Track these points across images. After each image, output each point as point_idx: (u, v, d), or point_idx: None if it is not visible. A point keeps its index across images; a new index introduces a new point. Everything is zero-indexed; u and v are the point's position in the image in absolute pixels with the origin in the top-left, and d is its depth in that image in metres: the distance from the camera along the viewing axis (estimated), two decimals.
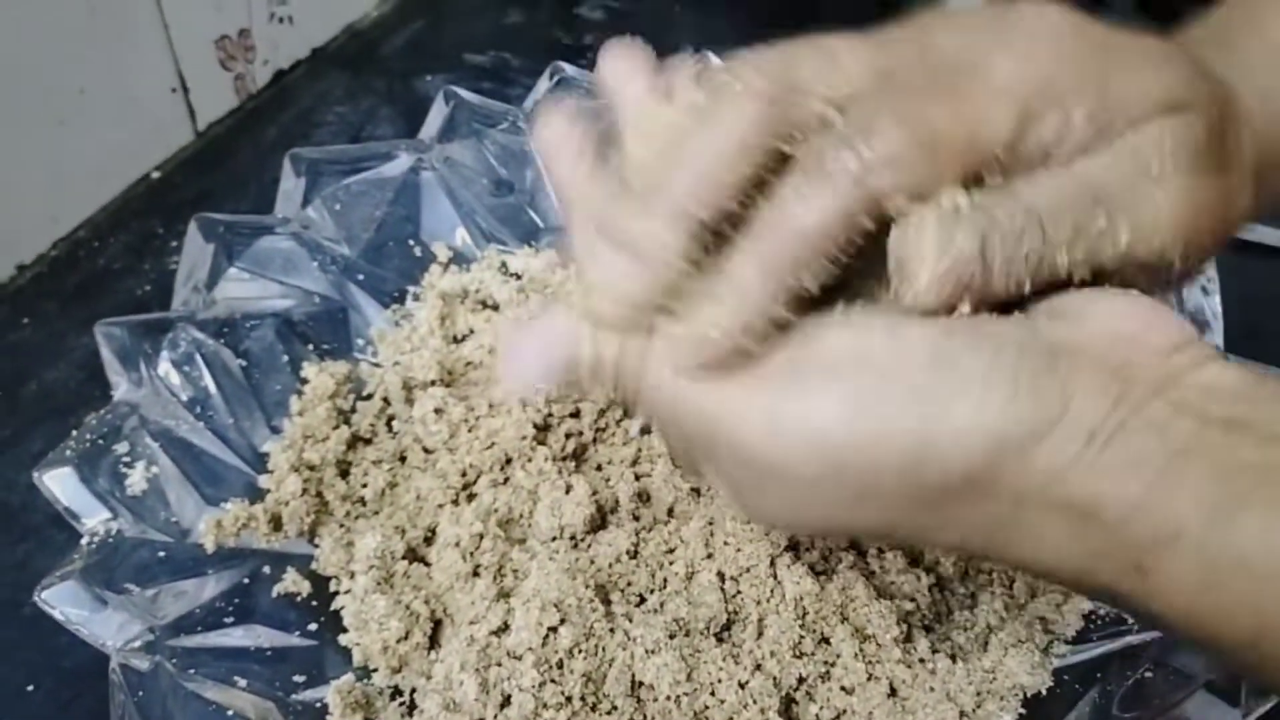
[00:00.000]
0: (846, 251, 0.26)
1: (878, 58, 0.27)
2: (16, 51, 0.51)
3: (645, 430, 0.43)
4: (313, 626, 0.38)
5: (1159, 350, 0.26)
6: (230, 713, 0.33)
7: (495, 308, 0.47)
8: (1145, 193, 0.27)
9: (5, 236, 0.53)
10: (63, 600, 0.34)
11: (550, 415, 0.43)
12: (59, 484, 0.36)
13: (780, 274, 0.26)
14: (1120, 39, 0.28)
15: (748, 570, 0.38)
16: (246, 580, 0.38)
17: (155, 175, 0.60)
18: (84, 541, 0.36)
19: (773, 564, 0.37)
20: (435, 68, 0.66)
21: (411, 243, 0.48)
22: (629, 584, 0.38)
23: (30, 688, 0.40)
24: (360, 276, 0.47)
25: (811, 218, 0.26)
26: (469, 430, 0.43)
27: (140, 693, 0.32)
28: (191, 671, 0.34)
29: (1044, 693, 0.35)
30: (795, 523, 0.29)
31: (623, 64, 0.30)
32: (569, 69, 0.49)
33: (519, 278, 0.48)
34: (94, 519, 0.36)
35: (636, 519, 0.40)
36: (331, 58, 0.67)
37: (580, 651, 0.35)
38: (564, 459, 0.42)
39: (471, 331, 0.46)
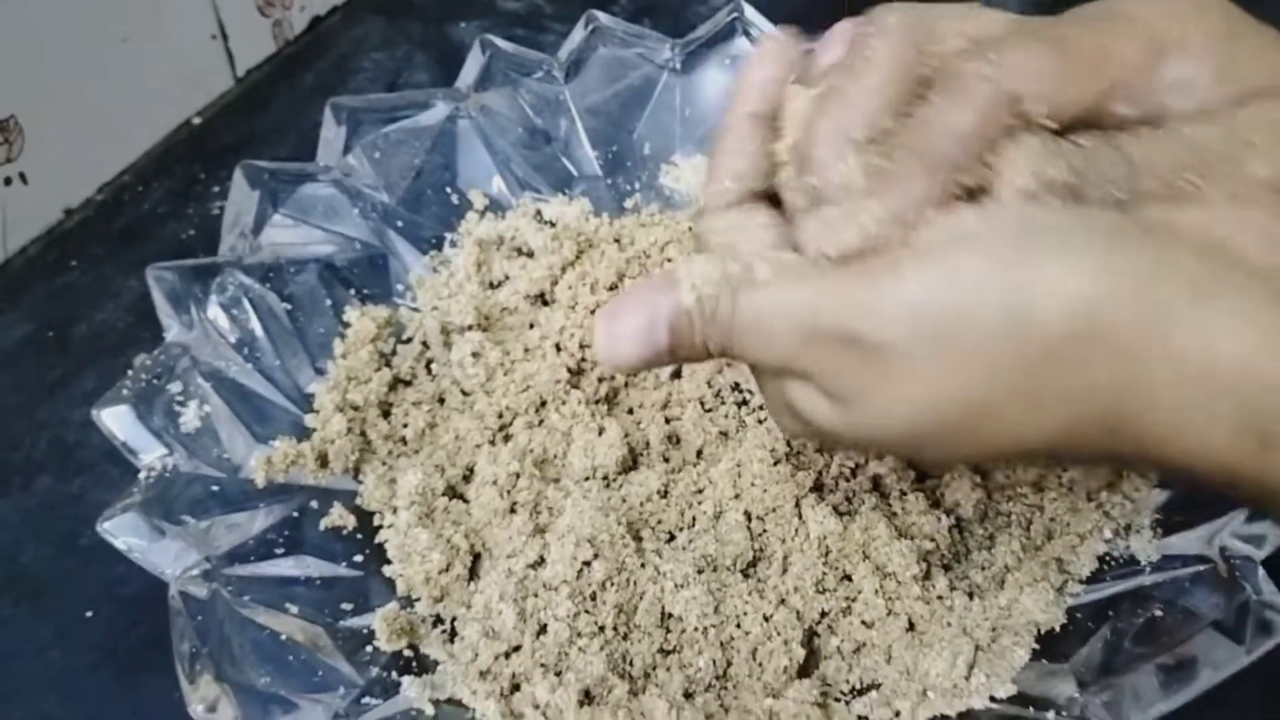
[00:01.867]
0: (991, 152, 0.27)
1: (1013, 19, 0.29)
2: (61, 3, 0.52)
3: (676, 375, 0.44)
4: (358, 558, 0.40)
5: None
6: (283, 636, 0.35)
7: (530, 254, 0.48)
8: (1245, 165, 0.27)
9: (52, 182, 0.54)
10: (123, 531, 0.35)
11: (584, 360, 0.44)
12: (116, 421, 0.38)
13: (937, 169, 0.27)
14: (1251, 22, 0.28)
15: (773, 510, 0.39)
16: (295, 514, 0.40)
17: (196, 121, 0.60)
18: (141, 476, 0.37)
19: (797, 504, 0.39)
20: (469, 14, 0.66)
21: (449, 190, 0.49)
22: (659, 522, 0.39)
23: (89, 614, 0.42)
24: (399, 223, 0.48)
25: (964, 118, 0.27)
26: (505, 374, 0.44)
27: (199, 617, 0.34)
28: (245, 598, 0.35)
29: (1057, 629, 0.36)
30: (895, 412, 0.27)
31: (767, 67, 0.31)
32: (603, 18, 0.50)
33: (553, 225, 0.49)
34: (150, 455, 0.38)
35: (666, 460, 0.42)
36: (367, 3, 0.68)
37: (612, 584, 0.36)
38: (597, 402, 0.43)
39: (507, 277, 0.48)
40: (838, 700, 0.36)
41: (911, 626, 0.37)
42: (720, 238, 0.30)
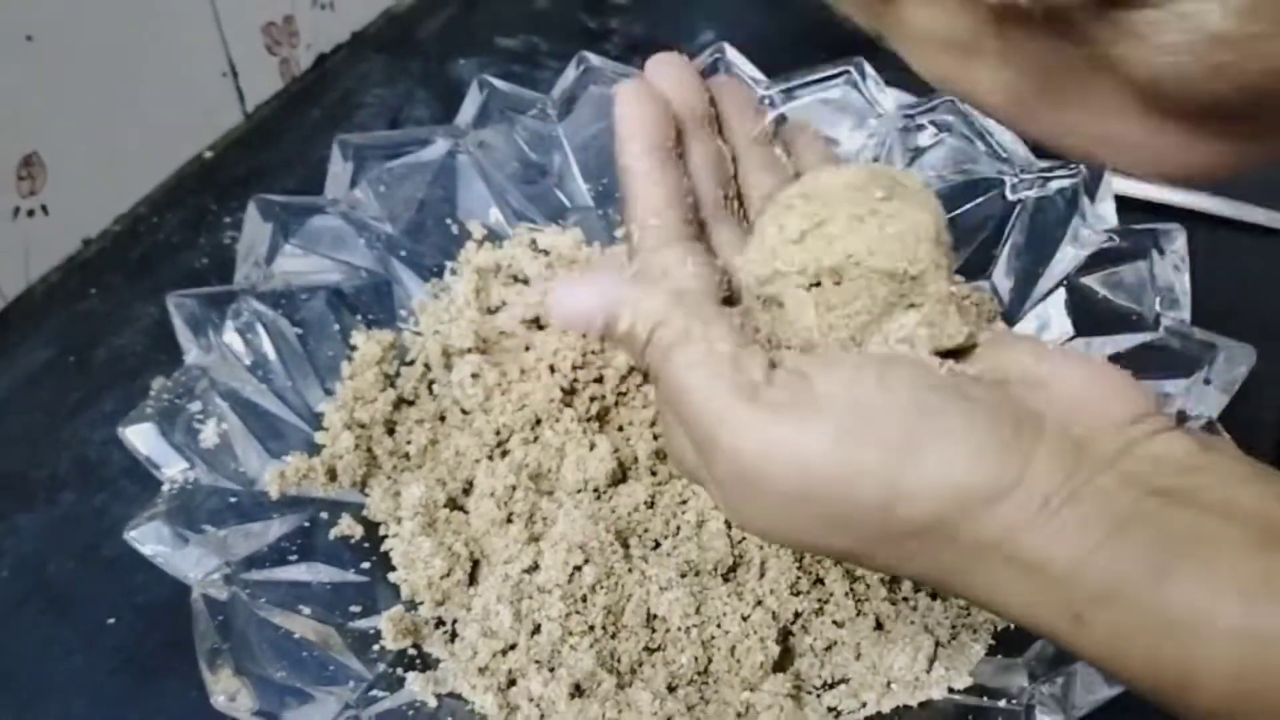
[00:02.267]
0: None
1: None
2: (80, 44, 0.54)
3: None
4: (365, 565, 0.42)
5: (1119, 421, 0.28)
6: (297, 634, 0.37)
7: (525, 281, 0.50)
8: None
9: (72, 213, 0.56)
10: (149, 539, 0.37)
11: (576, 380, 0.46)
12: (141, 438, 0.40)
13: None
14: None
15: None
16: (307, 524, 0.42)
17: (208, 155, 0.63)
18: (165, 488, 0.39)
19: None
20: (468, 51, 0.69)
21: (449, 221, 0.51)
22: (645, 530, 0.42)
23: (111, 620, 0.43)
24: (402, 252, 0.49)
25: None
26: (502, 393, 0.46)
27: (220, 617, 0.36)
28: (262, 600, 0.37)
29: (1012, 627, 0.38)
30: (772, 534, 0.31)
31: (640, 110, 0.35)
32: (594, 58, 0.52)
33: (547, 253, 0.51)
34: (172, 468, 0.40)
35: (654, 474, 0.44)
36: (370, 41, 0.70)
37: (601, 588, 0.38)
38: (588, 420, 0.45)
39: (504, 303, 0.49)
40: (809, 693, 0.38)
41: (879, 625, 0.39)
42: (659, 267, 0.33)
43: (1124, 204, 0.48)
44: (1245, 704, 0.25)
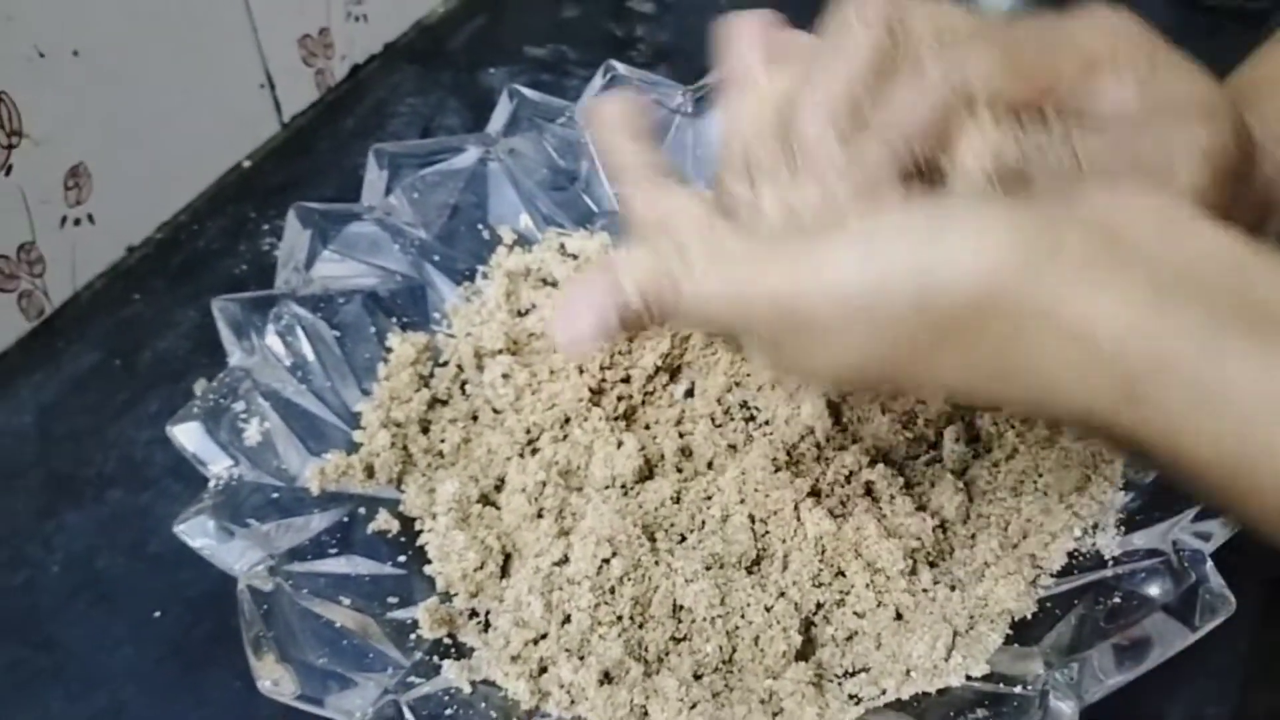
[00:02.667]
0: (941, 141, 0.31)
1: (974, 19, 0.33)
2: (125, 59, 0.56)
3: (689, 393, 0.48)
4: (402, 558, 0.43)
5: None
6: (337, 624, 0.38)
7: (554, 284, 0.51)
8: (1159, 168, 0.31)
9: (116, 221, 0.58)
10: (196, 533, 0.39)
11: (604, 380, 0.47)
12: (188, 436, 0.41)
13: (898, 146, 0.31)
14: (1169, 50, 0.32)
15: (775, 513, 0.42)
16: (346, 519, 0.43)
17: (246, 164, 0.64)
18: (210, 484, 0.41)
19: (796, 508, 0.42)
20: (497, 60, 0.69)
21: (480, 226, 0.52)
22: (671, 524, 0.43)
23: (158, 614, 0.45)
24: (436, 257, 0.51)
25: (923, 103, 0.31)
26: (532, 393, 0.47)
27: (264, 607, 0.37)
28: (304, 591, 0.39)
29: (1029, 617, 0.39)
30: (827, 369, 0.30)
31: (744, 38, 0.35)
32: (620, 67, 0.53)
33: (576, 257, 0.52)
34: (218, 466, 0.41)
35: (679, 470, 0.45)
36: (402, 52, 0.71)
37: (629, 579, 0.40)
38: (616, 419, 0.46)
39: (534, 306, 0.50)
40: (831, 681, 0.39)
41: (899, 616, 0.40)
42: (652, 213, 0.33)
43: None
44: None
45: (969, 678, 0.37)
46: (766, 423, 0.46)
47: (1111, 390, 0.27)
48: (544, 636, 0.39)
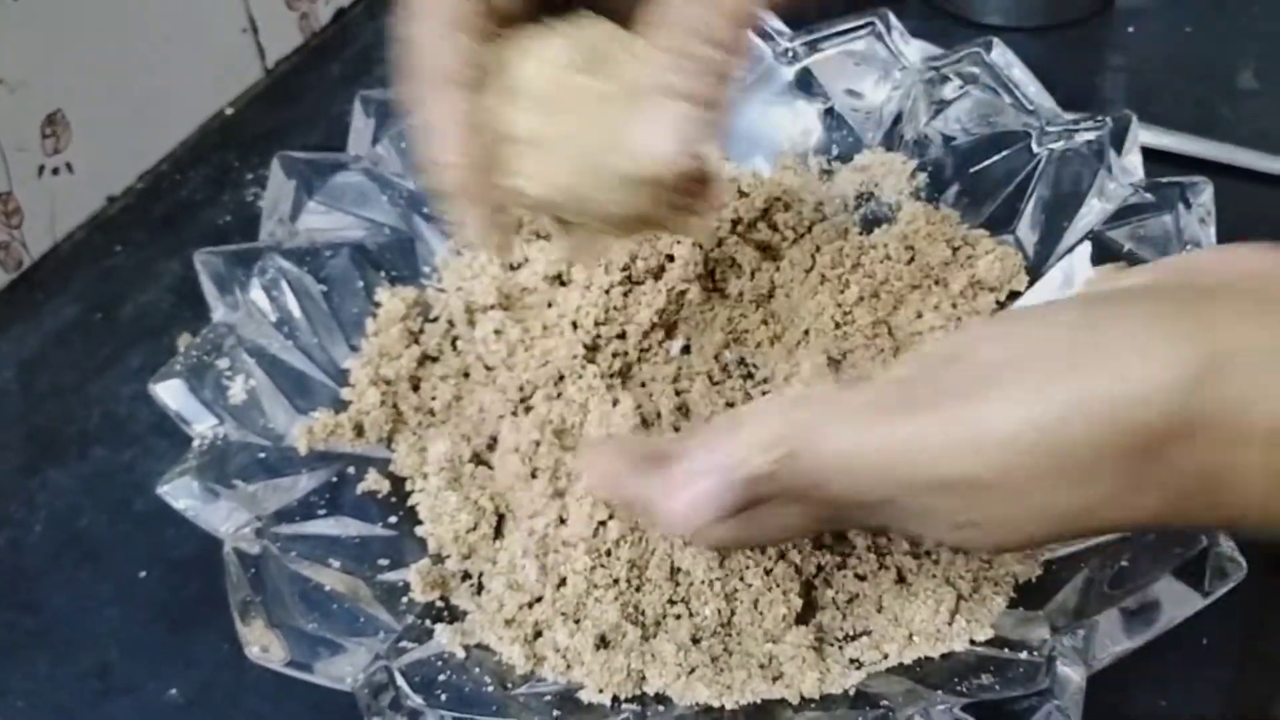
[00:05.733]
0: None
1: None
2: (102, 5, 0.54)
3: (685, 350, 0.47)
4: (393, 519, 0.43)
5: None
6: (327, 587, 0.38)
7: (548, 238, 0.50)
8: None
9: (96, 171, 0.57)
10: (181, 493, 0.38)
11: (599, 337, 0.46)
12: (170, 394, 0.41)
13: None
14: None
15: None
16: (334, 479, 0.42)
17: (229, 111, 0.63)
18: (195, 444, 0.40)
19: None
20: None
21: None
22: None
23: (143, 574, 0.44)
24: (425, 209, 0.50)
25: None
26: (525, 350, 0.46)
27: (252, 570, 0.36)
28: (292, 554, 0.38)
29: (1033, 580, 0.39)
30: (1027, 529, 0.28)
31: None
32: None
33: None
34: (202, 425, 0.40)
35: (676, 430, 0.44)
36: None
37: (626, 542, 0.39)
38: (611, 376, 0.45)
39: (526, 259, 0.49)
40: (832, 645, 0.38)
41: (901, 579, 0.39)
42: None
43: (1150, 156, 0.48)
44: None
45: (973, 642, 0.37)
46: (765, 380, 0.45)
47: None
48: (539, 600, 0.39)
